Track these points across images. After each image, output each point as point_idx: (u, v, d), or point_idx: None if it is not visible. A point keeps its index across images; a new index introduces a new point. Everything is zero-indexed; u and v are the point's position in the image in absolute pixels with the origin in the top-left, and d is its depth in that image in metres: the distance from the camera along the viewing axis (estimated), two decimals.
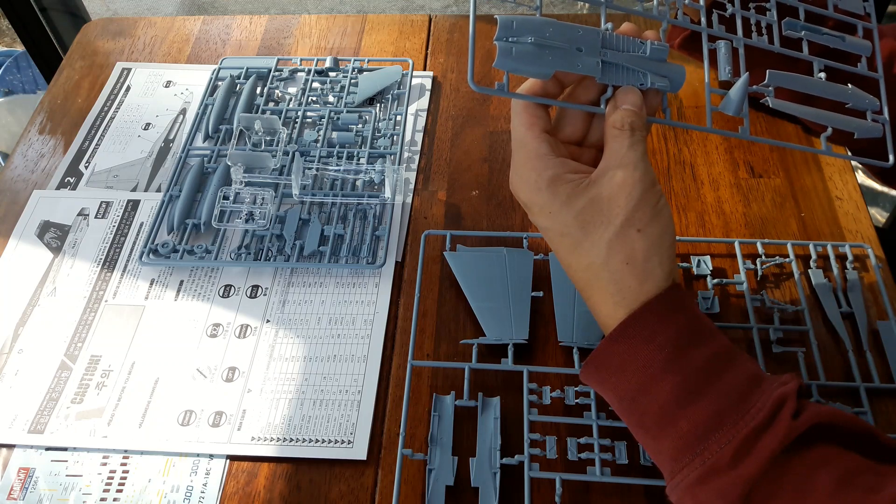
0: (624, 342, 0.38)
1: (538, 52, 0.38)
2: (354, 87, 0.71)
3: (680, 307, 0.38)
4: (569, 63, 0.38)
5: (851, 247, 0.57)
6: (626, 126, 0.39)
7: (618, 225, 0.38)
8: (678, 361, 0.37)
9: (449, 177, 0.65)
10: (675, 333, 0.37)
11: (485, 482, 0.47)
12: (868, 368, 0.51)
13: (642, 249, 0.38)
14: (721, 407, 0.35)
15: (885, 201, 1.47)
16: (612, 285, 0.39)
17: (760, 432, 0.34)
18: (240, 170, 0.61)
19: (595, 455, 0.47)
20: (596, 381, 0.41)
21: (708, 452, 0.35)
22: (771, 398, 0.35)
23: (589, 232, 0.39)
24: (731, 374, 0.36)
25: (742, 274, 0.56)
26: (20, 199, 0.65)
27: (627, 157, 0.39)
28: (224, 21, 0.81)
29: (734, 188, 0.62)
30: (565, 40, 0.39)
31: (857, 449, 0.34)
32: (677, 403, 0.36)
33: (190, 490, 0.48)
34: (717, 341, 0.38)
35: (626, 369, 0.38)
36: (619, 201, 0.38)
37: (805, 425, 0.34)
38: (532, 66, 0.38)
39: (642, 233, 0.38)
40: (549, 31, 0.38)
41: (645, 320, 0.38)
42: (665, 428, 0.37)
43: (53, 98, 0.74)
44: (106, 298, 0.58)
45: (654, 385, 0.37)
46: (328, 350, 0.54)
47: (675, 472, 0.36)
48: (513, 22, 0.38)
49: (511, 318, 0.53)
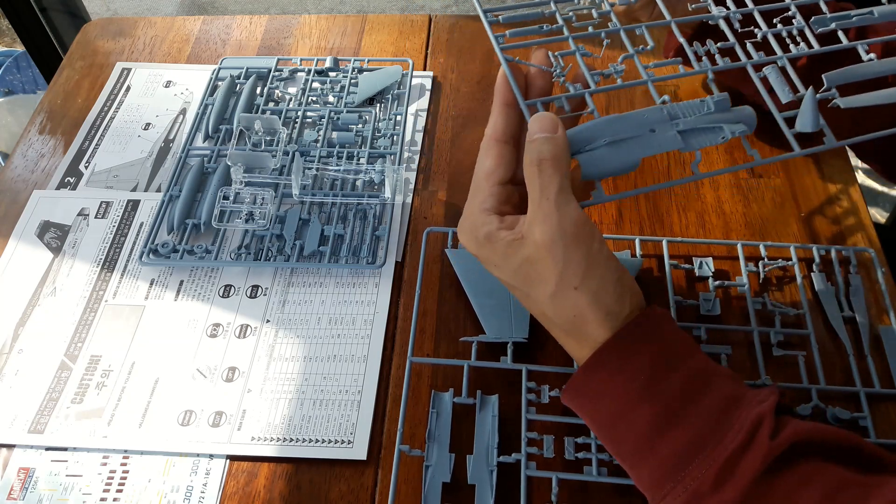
0: (597, 373, 0.38)
1: (617, 149, 0.38)
2: (354, 87, 0.71)
3: (650, 333, 0.38)
4: (650, 146, 0.39)
5: (855, 251, 0.57)
6: (534, 163, 0.37)
7: (553, 286, 0.37)
8: (652, 389, 0.36)
9: (449, 177, 0.65)
10: (647, 361, 0.37)
11: (481, 480, 0.47)
12: (869, 373, 0.51)
13: (586, 303, 0.37)
14: (699, 432, 0.35)
15: (885, 201, 1.47)
16: (572, 332, 0.39)
17: (740, 455, 0.34)
18: (240, 170, 0.61)
19: (592, 455, 0.47)
20: (576, 406, 0.41)
21: (690, 479, 0.34)
22: (748, 419, 0.35)
23: (532, 287, 0.39)
24: (707, 398, 0.36)
25: (744, 276, 0.56)
26: (20, 199, 0.65)
27: (542, 208, 0.37)
28: (224, 21, 0.81)
29: (734, 188, 0.62)
30: (635, 128, 0.39)
31: (841, 461, 0.34)
32: (655, 431, 0.36)
33: (190, 490, 0.48)
34: (693, 363, 0.37)
35: (602, 397, 0.38)
36: (546, 263, 0.37)
37: (785, 444, 0.34)
38: (619, 164, 0.38)
39: (580, 289, 0.37)
40: (616, 126, 0.38)
41: (614, 353, 0.37)
42: (643, 456, 0.36)
43: (53, 98, 0.74)
44: (106, 298, 0.58)
45: (631, 413, 0.37)
46: (328, 350, 0.54)
47: (656, 500, 0.36)
48: (580, 133, 0.38)
49: (511, 317, 0.54)
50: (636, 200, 0.62)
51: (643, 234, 0.59)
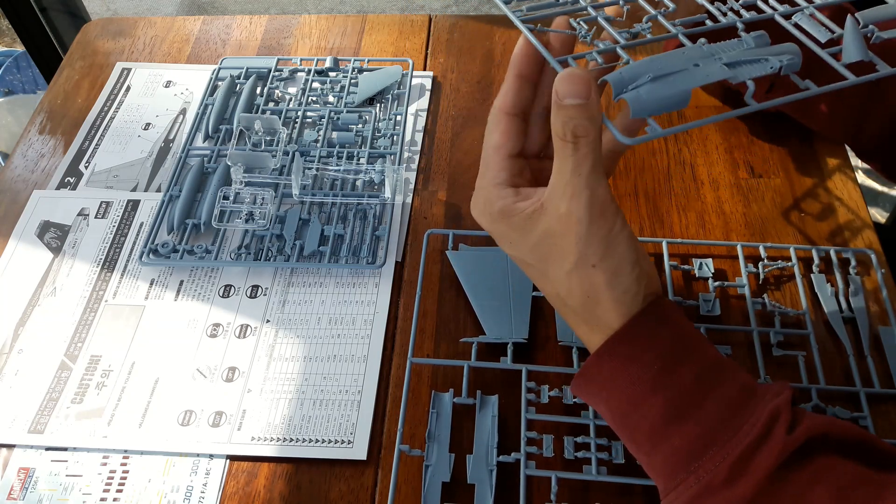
0: (610, 360, 0.37)
1: (664, 84, 0.35)
2: (354, 87, 0.71)
3: (664, 321, 0.37)
4: (697, 78, 0.36)
5: (855, 252, 0.57)
6: (569, 136, 0.34)
7: (572, 262, 0.37)
8: (667, 379, 0.36)
9: (449, 177, 0.65)
10: (661, 350, 0.36)
11: (481, 479, 0.47)
12: (869, 373, 0.51)
13: (603, 282, 0.37)
14: (713, 424, 0.35)
15: (885, 201, 1.47)
16: (584, 314, 0.38)
17: (755, 449, 0.33)
18: (240, 170, 0.61)
19: (591, 454, 0.47)
20: (586, 395, 0.40)
21: (702, 471, 0.34)
22: (764, 412, 0.34)
23: (549, 264, 0.38)
24: (722, 388, 0.35)
25: (744, 277, 0.56)
26: (20, 199, 0.65)
27: (571, 184, 0.35)
28: (224, 21, 0.81)
29: (734, 188, 0.62)
30: (678, 64, 0.37)
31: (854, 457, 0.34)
32: (669, 421, 0.35)
33: (190, 490, 0.48)
34: (706, 353, 0.37)
35: (615, 385, 0.37)
36: (568, 238, 0.36)
37: (801, 439, 0.33)
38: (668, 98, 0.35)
39: (598, 268, 0.36)
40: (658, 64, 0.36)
41: (627, 340, 0.37)
42: (657, 445, 0.36)
43: (53, 98, 0.74)
44: (106, 298, 0.58)
45: (644, 402, 0.36)
46: (328, 350, 0.54)
47: (668, 489, 0.36)
48: (620, 74, 0.35)
49: (511, 318, 0.54)
50: (636, 200, 0.62)
51: (643, 235, 0.59)
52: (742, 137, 0.66)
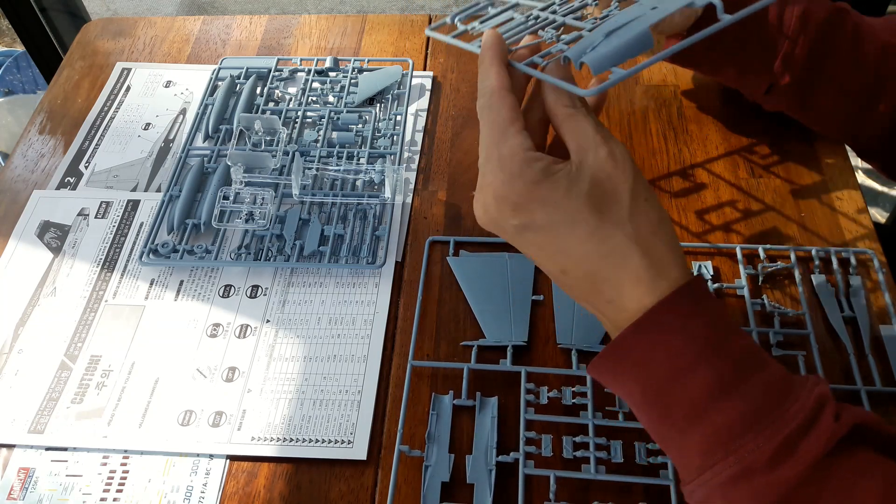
0: (652, 331, 0.36)
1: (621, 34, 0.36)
2: (354, 87, 0.71)
3: (708, 294, 0.36)
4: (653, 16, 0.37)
5: (855, 252, 0.57)
6: (577, 103, 0.39)
7: (629, 199, 0.37)
8: (712, 352, 0.35)
9: (449, 177, 0.65)
10: (708, 321, 0.35)
11: (480, 479, 0.47)
12: (869, 372, 0.51)
13: (657, 217, 0.37)
14: (757, 404, 0.33)
15: (885, 201, 1.47)
16: (646, 259, 0.36)
17: (802, 434, 0.32)
18: (240, 170, 0.61)
19: (590, 453, 0.47)
20: (612, 374, 0.38)
21: (744, 450, 0.33)
22: (811, 397, 0.33)
23: (604, 212, 0.37)
24: (765, 370, 0.34)
25: (743, 279, 0.56)
26: (20, 199, 0.65)
27: (599, 133, 0.38)
28: (224, 21, 0.81)
29: (734, 188, 0.62)
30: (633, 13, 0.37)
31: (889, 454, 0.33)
32: (711, 397, 0.34)
33: (190, 490, 0.48)
34: (744, 334, 0.36)
35: (652, 359, 0.36)
36: (618, 175, 0.37)
37: (846, 427, 0.32)
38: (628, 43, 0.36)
39: (649, 201, 0.37)
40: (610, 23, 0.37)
41: (675, 306, 0.35)
42: (695, 422, 0.34)
43: (53, 98, 0.74)
44: (106, 298, 0.58)
45: (686, 376, 0.35)
46: (328, 350, 0.54)
47: (704, 468, 0.34)
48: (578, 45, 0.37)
49: (511, 321, 0.54)
50: None
51: None
52: (742, 138, 0.66)
